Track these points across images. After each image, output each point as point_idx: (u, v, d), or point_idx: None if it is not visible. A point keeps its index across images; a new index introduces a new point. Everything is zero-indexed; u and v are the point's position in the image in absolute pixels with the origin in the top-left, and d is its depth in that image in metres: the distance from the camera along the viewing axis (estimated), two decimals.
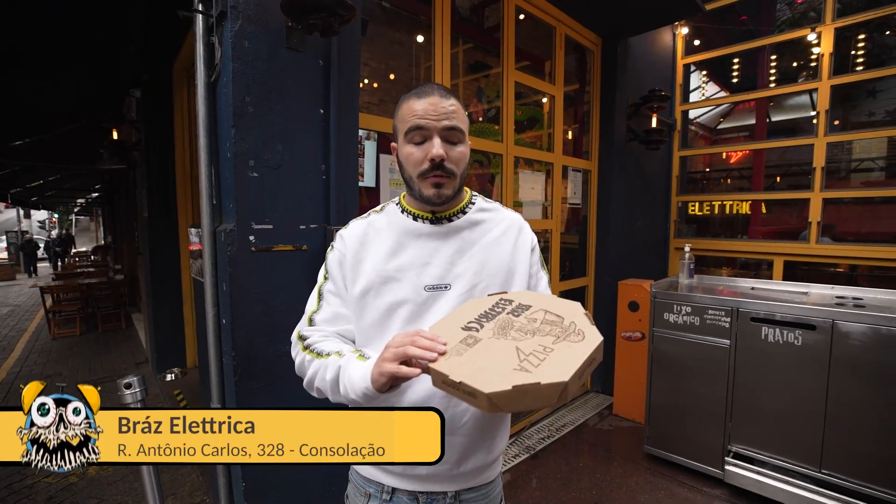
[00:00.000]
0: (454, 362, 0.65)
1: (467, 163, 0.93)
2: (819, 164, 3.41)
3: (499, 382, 0.59)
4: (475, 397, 0.60)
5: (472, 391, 0.60)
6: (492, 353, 0.66)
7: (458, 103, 0.91)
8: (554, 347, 0.66)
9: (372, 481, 0.96)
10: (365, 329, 0.93)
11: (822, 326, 2.03)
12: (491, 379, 0.60)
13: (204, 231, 1.58)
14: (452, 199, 0.93)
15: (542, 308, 0.76)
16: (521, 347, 0.67)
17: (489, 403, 0.59)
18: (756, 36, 4.05)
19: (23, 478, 2.64)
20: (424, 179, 0.88)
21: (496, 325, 0.73)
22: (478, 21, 3.63)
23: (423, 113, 0.87)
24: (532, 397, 0.59)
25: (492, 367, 0.63)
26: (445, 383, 0.64)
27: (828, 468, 2.03)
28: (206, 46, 1.52)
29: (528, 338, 0.69)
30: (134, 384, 1.48)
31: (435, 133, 0.86)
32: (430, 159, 0.86)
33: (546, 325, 0.71)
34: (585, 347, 0.65)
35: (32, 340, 5.92)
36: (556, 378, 0.59)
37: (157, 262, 4.09)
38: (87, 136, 5.06)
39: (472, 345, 0.69)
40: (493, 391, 0.58)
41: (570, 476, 2.52)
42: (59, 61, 3.19)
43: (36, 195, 11.70)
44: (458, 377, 0.61)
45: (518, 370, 0.61)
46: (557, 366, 0.61)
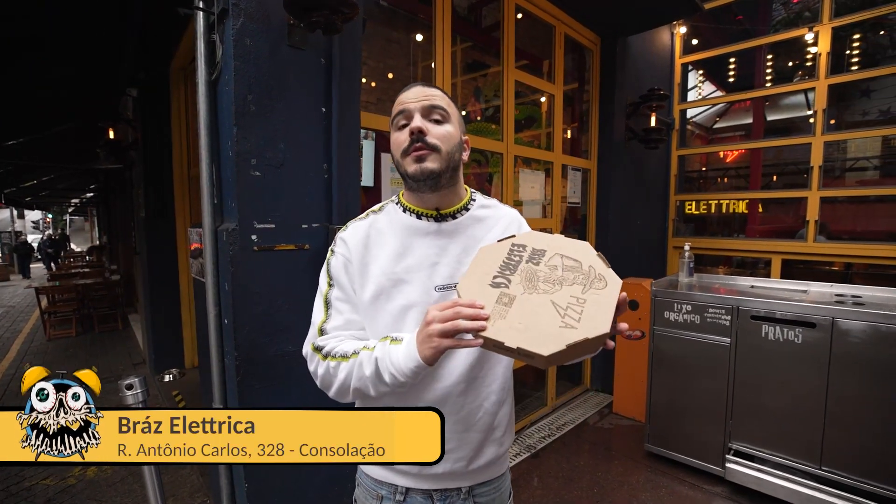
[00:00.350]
0: (501, 326, 0.68)
1: (458, 147, 0.91)
2: (817, 162, 3.43)
3: (553, 343, 0.64)
4: (532, 358, 0.65)
5: (530, 354, 0.65)
6: (532, 312, 0.70)
7: (445, 94, 0.91)
8: (585, 298, 0.70)
9: (384, 483, 0.95)
10: (378, 333, 0.90)
11: (823, 324, 2.04)
12: (545, 340, 0.65)
13: (205, 231, 1.57)
14: (446, 185, 0.90)
15: (556, 252, 0.79)
16: (556, 301, 0.71)
17: (546, 361, 0.65)
18: (752, 36, 4.07)
19: (20, 480, 2.62)
20: (406, 156, 0.87)
21: (522, 277, 0.76)
22: (475, 20, 3.62)
23: (406, 99, 0.88)
24: (580, 350, 0.65)
25: (539, 327, 0.68)
26: (498, 347, 0.68)
27: (828, 465, 2.04)
28: (207, 44, 1.51)
29: (557, 289, 0.73)
30: (135, 385, 1.47)
31: (416, 111, 0.87)
32: (409, 132, 0.85)
33: (568, 273, 0.75)
34: (611, 294, 0.70)
35: (28, 342, 5.87)
36: (599, 330, 0.65)
37: (154, 263, 4.06)
38: (82, 135, 5.02)
39: (509, 304, 0.72)
40: (552, 352, 0.63)
41: (571, 475, 2.52)
42: (54, 59, 3.16)
43: (30, 195, 11.61)
44: (515, 343, 0.66)
45: (564, 327, 0.66)
46: (595, 317, 0.67)
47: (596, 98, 3.52)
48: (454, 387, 0.88)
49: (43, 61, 3.15)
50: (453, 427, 0.89)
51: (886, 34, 4.43)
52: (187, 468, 2.69)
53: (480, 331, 0.68)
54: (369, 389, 0.82)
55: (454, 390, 0.88)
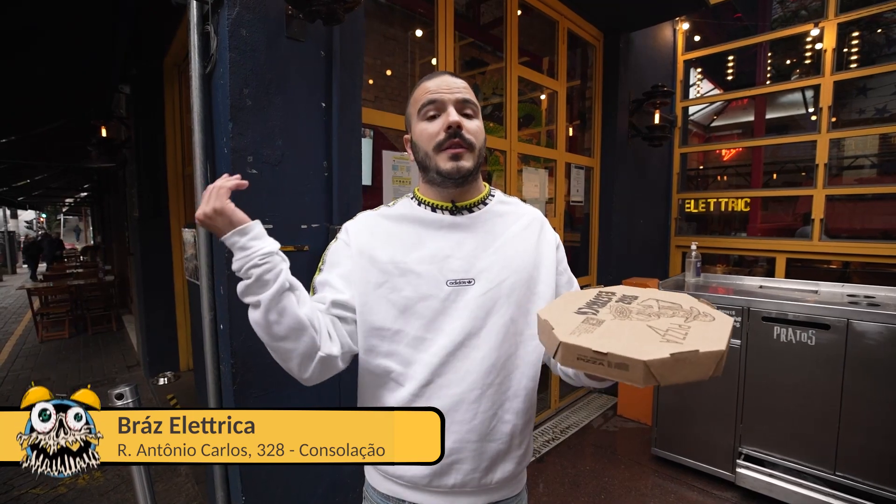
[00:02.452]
0: (587, 338, 0.58)
1: (485, 142, 0.88)
2: (822, 160, 3.39)
3: (654, 351, 0.53)
4: (628, 369, 0.54)
5: (626, 361, 0.54)
6: (626, 331, 0.60)
7: (469, 87, 0.87)
8: (690, 325, 0.60)
9: (391, 498, 0.89)
10: (377, 326, 0.84)
11: (837, 326, 1.99)
12: (644, 348, 0.54)
13: (200, 231, 1.50)
14: (472, 181, 0.87)
15: (651, 297, 0.71)
16: (655, 326, 0.61)
17: (645, 374, 0.53)
18: (752, 33, 4.03)
19: (9, 489, 2.54)
20: (441, 152, 0.82)
21: (611, 309, 0.67)
22: (474, 17, 3.57)
23: (437, 88, 0.83)
24: (690, 367, 0.54)
25: (635, 340, 0.57)
26: (583, 358, 0.57)
27: (843, 470, 1.99)
28: (200, 36, 1.43)
29: (654, 319, 0.63)
30: (126, 395, 1.40)
31: (449, 104, 0.82)
32: (446, 127, 0.81)
33: (666, 310, 0.66)
34: (723, 326, 0.60)
35: (20, 344, 5.76)
36: (713, 346, 0.54)
37: (148, 264, 3.98)
38: (74, 133, 4.91)
39: (598, 325, 0.62)
40: (652, 359, 0.52)
41: (576, 479, 2.46)
42: (43, 54, 3.07)
43: (22, 195, 11.45)
44: (605, 348, 0.55)
45: (665, 342, 0.56)
46: (706, 338, 0.56)
47: (599, 95, 3.46)
48: (468, 393, 0.82)
49: (32, 56, 3.06)
50: (465, 436, 0.82)
51: (883, 33, 4.41)
52: (182, 476, 2.61)
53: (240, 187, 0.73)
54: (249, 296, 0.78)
55: (468, 397, 0.82)
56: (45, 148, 6.10)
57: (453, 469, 0.83)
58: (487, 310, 0.83)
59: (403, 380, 0.84)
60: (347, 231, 0.91)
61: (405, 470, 0.85)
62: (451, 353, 0.82)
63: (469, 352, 0.82)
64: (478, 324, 0.82)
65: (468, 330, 0.82)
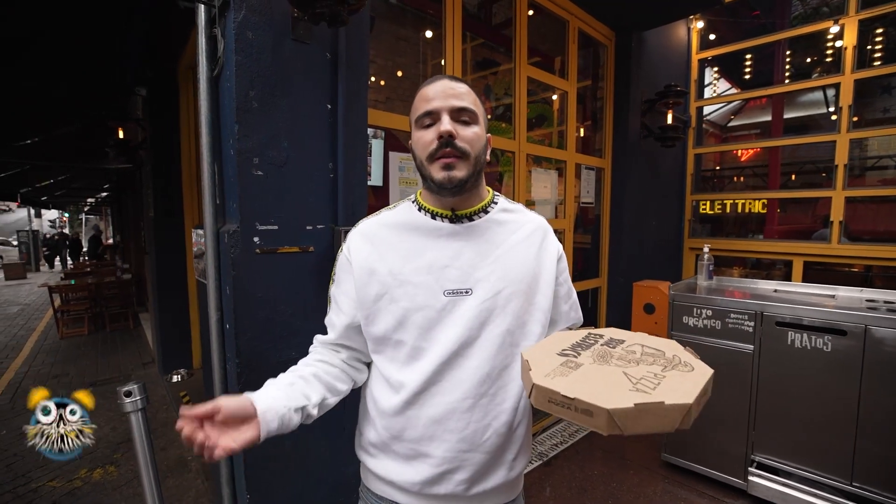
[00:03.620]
0: (561, 382, 0.61)
1: (484, 148, 0.86)
2: (841, 161, 3.29)
3: (619, 399, 0.55)
4: (592, 415, 0.56)
5: (590, 408, 0.55)
6: (600, 376, 0.62)
7: (470, 89, 0.85)
8: (665, 375, 0.61)
9: (385, 499, 0.90)
10: (378, 336, 0.86)
11: (854, 332, 1.93)
12: (610, 396, 0.56)
13: (207, 232, 1.52)
14: (470, 189, 0.86)
15: (637, 342, 0.73)
16: (630, 373, 0.62)
17: (608, 421, 0.54)
18: (771, 31, 3.93)
19: (27, 482, 2.61)
20: (434, 161, 0.81)
21: (594, 353, 0.70)
22: (485, 17, 3.55)
23: (433, 95, 0.82)
24: (654, 418, 0.55)
25: (605, 386, 0.59)
26: (553, 402, 0.60)
27: (860, 481, 1.93)
28: (208, 39, 1.45)
29: (633, 366, 0.65)
30: (134, 392, 1.42)
31: (444, 112, 0.81)
32: (438, 136, 0.80)
33: (648, 357, 0.68)
34: (700, 377, 0.61)
35: (41, 340, 5.93)
36: (680, 399, 0.55)
37: (162, 263, 4.05)
38: (94, 135, 5.04)
39: (575, 368, 0.65)
40: (616, 407, 0.54)
41: (584, 484, 2.43)
42: (62, 58, 3.15)
43: (45, 195, 11.78)
44: (573, 393, 0.57)
45: (635, 391, 0.57)
46: (676, 389, 0.57)
47: (610, 95, 3.42)
48: (460, 402, 0.82)
49: (51, 60, 3.14)
50: (457, 445, 0.82)
51: None
52: (192, 473, 2.65)
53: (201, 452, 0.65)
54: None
55: (460, 406, 0.82)
56: (65, 149, 6.27)
57: (445, 478, 0.83)
58: (483, 320, 0.82)
59: (398, 387, 0.84)
60: (349, 246, 0.90)
61: (397, 476, 0.86)
62: (445, 362, 0.82)
63: (463, 361, 0.82)
64: (473, 334, 0.82)
65: (463, 340, 0.81)
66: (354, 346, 0.92)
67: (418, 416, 0.83)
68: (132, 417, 1.42)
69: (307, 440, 1.61)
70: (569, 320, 1.00)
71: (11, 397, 3.90)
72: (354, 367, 0.94)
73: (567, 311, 0.98)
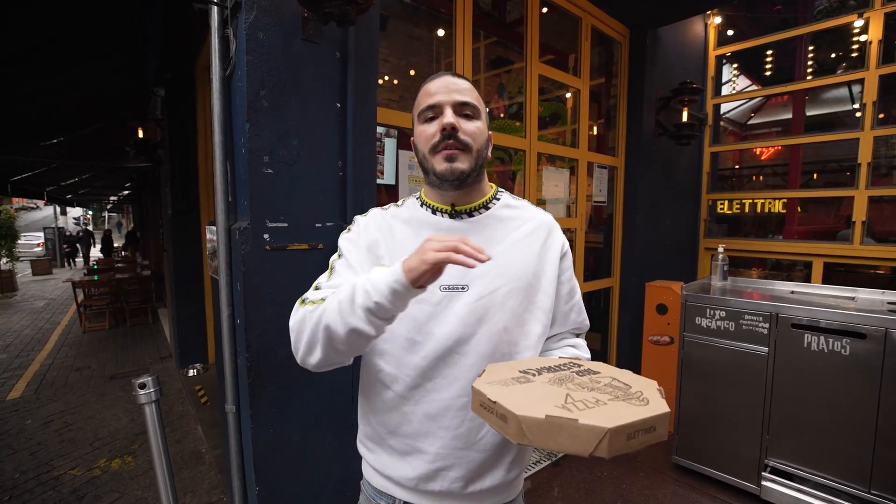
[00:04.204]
0: (496, 389, 0.63)
1: (486, 143, 0.87)
2: (865, 159, 3.20)
3: (534, 410, 0.56)
4: (506, 421, 0.57)
5: (505, 413, 0.57)
6: (539, 392, 0.63)
7: (473, 87, 0.86)
8: (608, 403, 0.60)
9: (384, 493, 0.91)
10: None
11: (874, 335, 1.87)
12: (528, 407, 0.57)
13: (219, 229, 1.55)
14: (471, 183, 0.86)
15: (611, 375, 0.72)
16: (573, 395, 0.62)
17: (518, 430, 0.55)
18: (792, 26, 3.83)
19: (49, 470, 2.70)
20: (436, 153, 0.83)
21: (555, 376, 0.70)
22: (500, 16, 3.54)
23: (436, 90, 0.83)
24: (566, 436, 0.54)
25: (534, 400, 0.60)
26: (482, 405, 0.62)
27: (878, 489, 1.87)
28: (221, 39, 1.48)
29: (583, 391, 0.64)
30: (148, 384, 1.47)
31: (446, 105, 0.82)
32: (441, 129, 0.81)
33: (609, 388, 0.66)
34: (643, 410, 0.58)
35: (65, 333, 6.12)
36: (596, 422, 0.53)
37: (180, 259, 4.15)
38: (116, 134, 5.18)
39: (522, 382, 0.66)
40: (525, 415, 0.55)
41: (593, 485, 2.41)
42: (83, 59, 3.24)
43: (70, 193, 12.13)
44: (495, 397, 0.59)
45: (559, 408, 0.57)
46: (603, 415, 0.56)
47: (624, 92, 3.38)
48: (455, 399, 0.82)
49: (72, 61, 3.23)
50: (451, 443, 0.82)
51: None
52: (206, 465, 2.71)
53: (471, 267, 0.64)
54: (337, 325, 0.71)
55: (454, 403, 0.82)
56: (88, 148, 6.45)
57: (439, 475, 0.83)
58: (479, 317, 0.82)
59: (391, 381, 0.85)
60: (359, 224, 0.93)
61: (393, 471, 0.87)
62: (439, 357, 0.82)
63: (458, 358, 0.82)
64: (468, 331, 0.82)
65: (458, 336, 0.81)
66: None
67: (413, 412, 0.83)
68: (146, 409, 1.46)
69: (314, 434, 1.63)
70: (569, 323, 0.96)
71: (36, 388, 4.04)
72: None
73: (567, 313, 0.94)
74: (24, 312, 7.60)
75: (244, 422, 1.54)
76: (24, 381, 4.24)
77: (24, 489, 2.51)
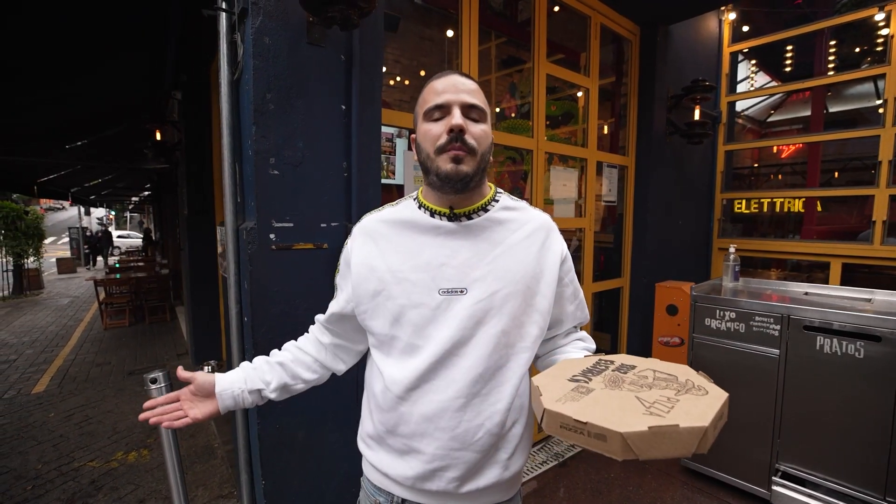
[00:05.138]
0: (574, 406, 0.60)
1: (490, 148, 0.86)
2: (886, 157, 3.11)
3: (633, 423, 0.54)
4: (606, 440, 0.55)
5: (603, 432, 0.55)
6: (612, 401, 0.62)
7: (479, 88, 0.85)
8: (679, 399, 0.61)
9: (382, 490, 0.92)
10: (376, 332, 0.89)
11: (890, 338, 1.82)
12: (623, 420, 0.55)
13: (228, 229, 1.59)
14: (473, 187, 0.85)
15: (649, 367, 0.73)
16: (643, 397, 0.62)
17: (623, 446, 0.54)
18: (812, 20, 3.73)
19: (70, 461, 2.80)
20: (442, 154, 0.81)
21: (605, 378, 0.70)
22: (511, 15, 3.53)
23: (444, 89, 0.82)
24: (669, 442, 0.54)
25: (618, 411, 0.58)
26: (565, 426, 0.59)
27: (894, 496, 1.83)
28: (229, 44, 1.52)
29: (645, 390, 0.64)
30: (159, 379, 1.51)
31: (455, 106, 0.81)
32: (448, 130, 0.80)
33: (660, 381, 0.67)
34: (715, 400, 0.60)
35: (87, 330, 6.32)
36: (695, 422, 0.54)
37: (195, 259, 4.24)
38: (134, 137, 5.32)
39: (586, 393, 0.65)
40: (629, 431, 0.53)
41: (599, 487, 2.40)
42: (104, 59, 3.34)
43: (93, 193, 12.51)
44: (585, 417, 0.57)
45: (648, 414, 0.56)
46: (691, 413, 0.56)
47: (634, 91, 3.34)
48: (452, 401, 0.82)
49: (94, 64, 3.34)
50: (448, 443, 0.83)
51: None
52: (218, 459, 2.78)
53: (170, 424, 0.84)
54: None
55: (452, 405, 0.82)
56: (110, 150, 6.65)
57: (436, 476, 0.84)
58: (478, 320, 0.82)
59: (390, 382, 0.86)
60: (352, 242, 0.93)
61: (391, 469, 0.88)
62: (438, 360, 0.82)
63: (456, 360, 0.82)
64: (467, 333, 0.82)
65: (456, 339, 0.82)
66: (338, 332, 1.00)
67: (411, 413, 0.84)
68: None
69: (320, 431, 1.66)
70: (575, 319, 0.98)
71: (60, 382, 4.18)
72: (336, 355, 1.01)
73: (573, 311, 0.97)
74: (49, 309, 7.87)
75: (251, 417, 1.58)
76: (49, 375, 4.39)
77: (46, 479, 2.60)
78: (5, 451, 2.94)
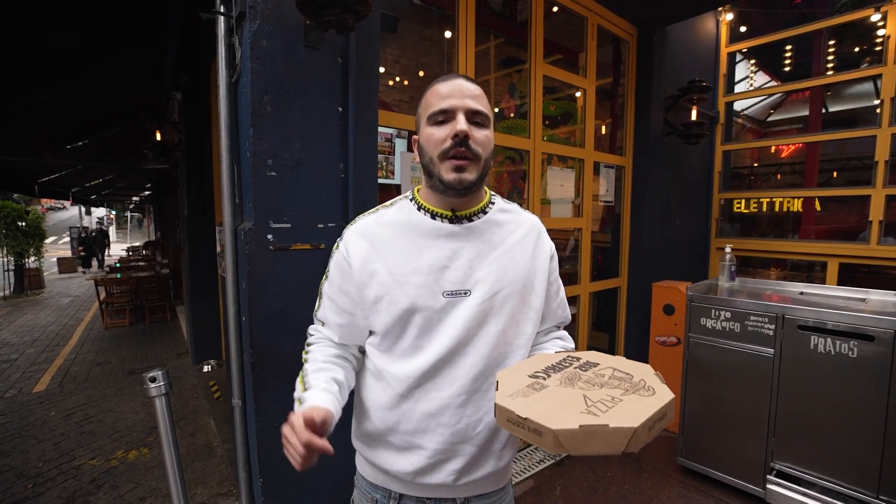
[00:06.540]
0: (520, 402, 0.66)
1: (492, 153, 0.87)
2: (882, 157, 3.12)
3: (567, 421, 0.59)
4: (541, 435, 0.60)
5: (539, 428, 0.60)
6: (559, 398, 0.67)
7: (483, 93, 0.86)
8: (623, 399, 0.66)
9: (378, 487, 0.94)
10: (377, 334, 0.89)
11: (883, 337, 1.84)
12: (559, 418, 0.60)
13: (226, 229, 1.61)
14: (474, 192, 0.86)
15: (610, 366, 0.77)
16: (589, 396, 0.67)
17: (555, 441, 0.59)
18: (810, 20, 3.74)
19: (71, 460, 2.82)
20: (445, 160, 0.81)
21: (563, 375, 0.74)
22: (510, 15, 3.55)
23: (448, 93, 0.82)
24: (599, 440, 0.58)
25: (559, 408, 0.64)
26: (510, 421, 0.65)
27: (887, 494, 1.84)
28: (227, 47, 1.54)
29: (595, 389, 0.69)
30: (158, 378, 1.54)
31: (460, 111, 0.81)
32: (453, 135, 0.80)
33: (615, 380, 0.72)
34: (656, 401, 0.64)
35: (88, 330, 6.34)
36: (624, 423, 0.58)
37: (195, 259, 4.27)
38: (134, 137, 5.35)
39: (539, 390, 0.70)
40: (561, 428, 0.58)
41: (596, 485, 2.42)
42: (105, 62, 3.36)
43: (94, 193, 12.54)
44: (525, 414, 0.62)
45: (586, 413, 0.61)
46: (626, 413, 0.61)
47: (632, 92, 3.35)
48: (454, 398, 0.84)
49: (91, 63, 3.35)
50: (450, 438, 0.85)
51: None
52: (218, 458, 2.80)
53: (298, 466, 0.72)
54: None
55: (454, 402, 0.84)
56: (111, 150, 6.67)
57: (437, 469, 0.86)
58: (481, 320, 0.84)
59: (393, 381, 0.87)
60: (346, 245, 0.90)
61: (391, 465, 0.89)
62: (442, 359, 0.84)
63: (459, 359, 0.84)
64: (470, 333, 0.84)
65: (460, 339, 0.83)
66: (355, 344, 0.96)
67: (413, 410, 0.85)
68: (156, 402, 1.53)
69: None
70: (556, 318, 1.00)
71: (60, 381, 4.20)
72: (352, 335, 0.96)
73: (555, 309, 0.99)
74: (50, 309, 7.90)
75: (249, 416, 1.60)
76: (49, 374, 4.41)
77: (47, 477, 2.62)
78: (6, 450, 2.96)
